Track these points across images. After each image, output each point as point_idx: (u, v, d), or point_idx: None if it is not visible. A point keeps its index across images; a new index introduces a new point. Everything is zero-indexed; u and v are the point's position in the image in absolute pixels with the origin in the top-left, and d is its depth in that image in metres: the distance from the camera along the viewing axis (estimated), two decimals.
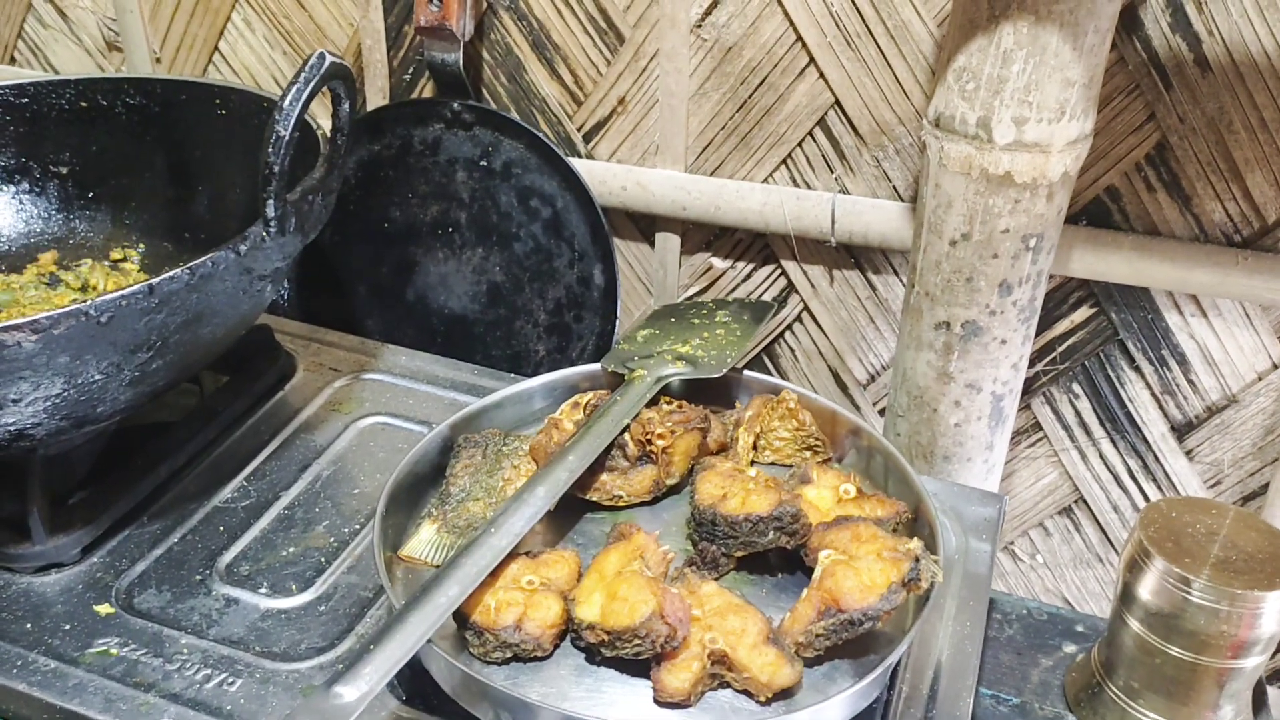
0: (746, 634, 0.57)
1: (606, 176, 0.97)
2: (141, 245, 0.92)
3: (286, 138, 0.67)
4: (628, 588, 0.57)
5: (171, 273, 0.63)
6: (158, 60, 1.11)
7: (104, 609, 0.67)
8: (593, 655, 0.59)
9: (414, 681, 0.62)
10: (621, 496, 0.68)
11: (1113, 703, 0.67)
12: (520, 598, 0.59)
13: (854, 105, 0.91)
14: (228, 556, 0.72)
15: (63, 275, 0.89)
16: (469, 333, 1.01)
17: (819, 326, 1.01)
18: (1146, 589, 0.62)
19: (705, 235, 1.01)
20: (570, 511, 0.68)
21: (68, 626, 0.66)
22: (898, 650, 0.57)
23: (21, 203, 0.91)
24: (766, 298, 1.01)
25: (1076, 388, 0.95)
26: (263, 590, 0.69)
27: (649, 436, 0.69)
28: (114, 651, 0.64)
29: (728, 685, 0.58)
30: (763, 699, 0.57)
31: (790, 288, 1.00)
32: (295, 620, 0.67)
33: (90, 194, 0.92)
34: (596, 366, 0.78)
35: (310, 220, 0.73)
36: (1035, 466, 0.99)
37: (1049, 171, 0.75)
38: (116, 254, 0.91)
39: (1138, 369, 0.93)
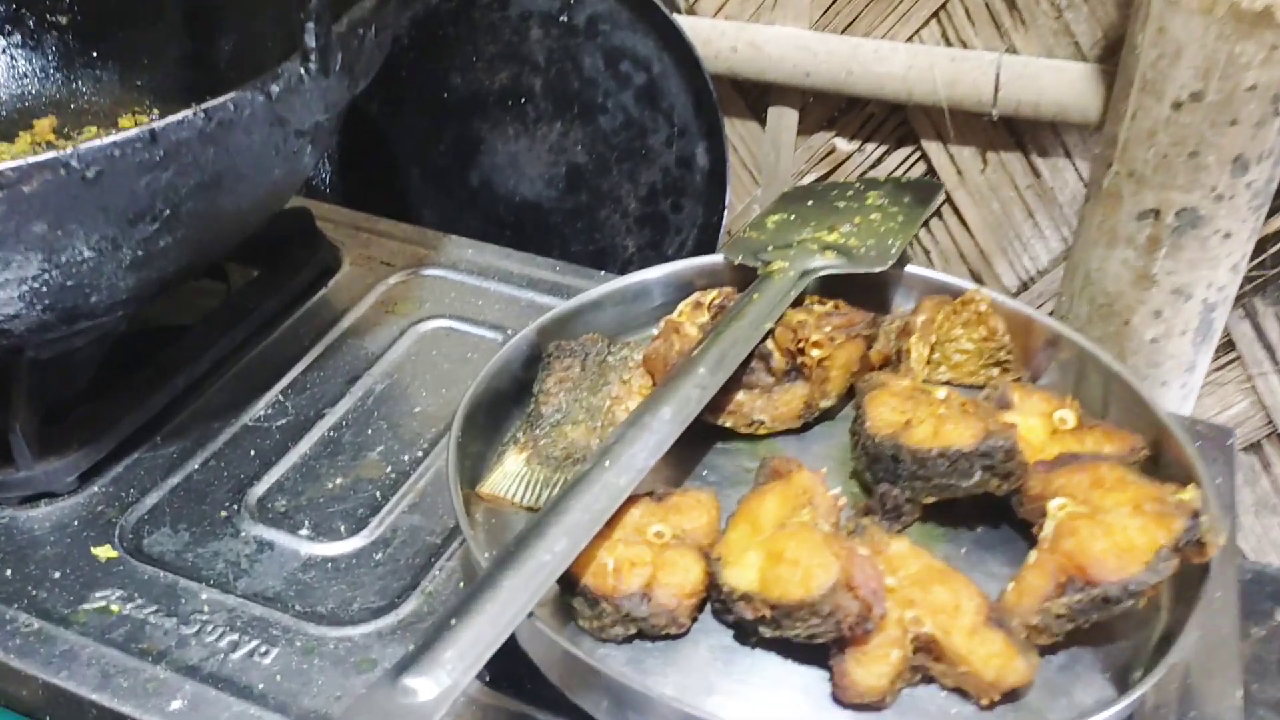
0: (962, 613, 0.41)
1: (713, 35, 0.80)
2: (155, 110, 0.76)
3: None
4: (797, 546, 0.42)
5: (180, 115, 0.47)
6: None
7: (105, 552, 0.53)
8: (746, 634, 0.44)
9: (501, 658, 0.47)
10: (763, 422, 0.53)
11: None
12: (647, 555, 0.44)
13: None
14: (260, 488, 0.57)
15: (61, 145, 0.73)
16: (544, 224, 0.85)
17: (962, 222, 0.84)
18: None
19: (828, 110, 0.83)
20: (695, 441, 0.52)
21: (58, 574, 0.52)
22: (1180, 644, 0.41)
23: (14, 59, 0.75)
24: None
25: None
26: (303, 532, 0.55)
27: (801, 344, 0.52)
28: (115, 608, 0.50)
29: (932, 680, 0.42)
30: (986, 701, 0.41)
31: (931, 174, 0.83)
32: (345, 571, 0.53)
33: (94, 50, 0.76)
34: (718, 258, 0.61)
35: (361, 61, 0.57)
36: (1222, 394, 0.82)
37: None
38: (125, 120, 0.75)
39: None
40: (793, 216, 0.64)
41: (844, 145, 0.84)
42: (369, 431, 0.61)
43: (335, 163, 0.88)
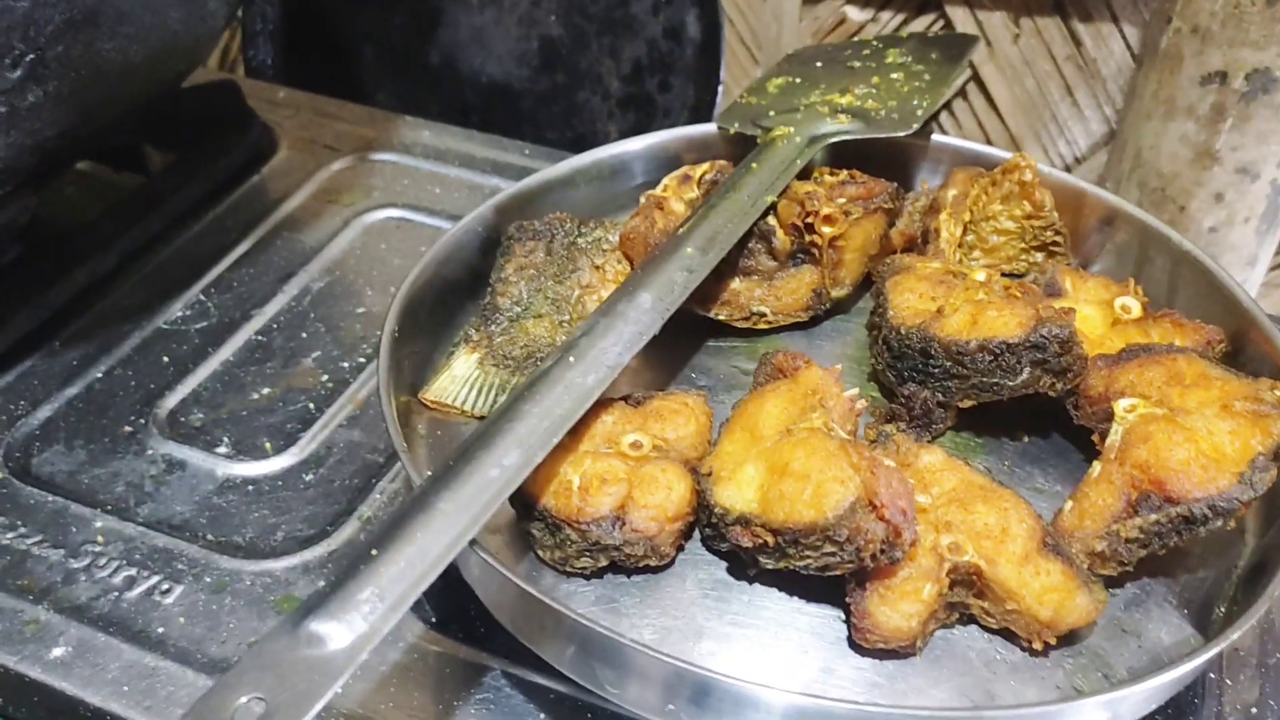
0: (1010, 538, 0.34)
1: None
2: None
3: None
4: (807, 456, 0.34)
5: None
6: None
7: None
8: (743, 566, 0.36)
9: (448, 596, 0.39)
10: (763, 314, 0.44)
11: None
12: (621, 470, 0.36)
13: None
14: (172, 400, 0.49)
15: None
16: (514, 108, 0.76)
17: (990, 101, 0.74)
18: None
19: None
20: (681, 338, 0.44)
21: None
22: (1277, 577, 0.34)
23: None
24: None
25: None
26: (221, 450, 0.47)
27: (809, 220, 0.44)
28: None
29: (972, 620, 0.35)
30: (1038, 645, 0.34)
31: None
32: (269, 495, 0.45)
33: None
34: (709, 128, 0.53)
35: None
36: (1277, 296, 0.74)
37: None
38: None
39: None
40: (799, 79, 0.55)
41: (856, 13, 0.74)
42: (303, 335, 0.53)
43: (276, 41, 0.78)
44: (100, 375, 0.50)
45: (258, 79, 0.76)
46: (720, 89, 0.70)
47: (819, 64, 0.56)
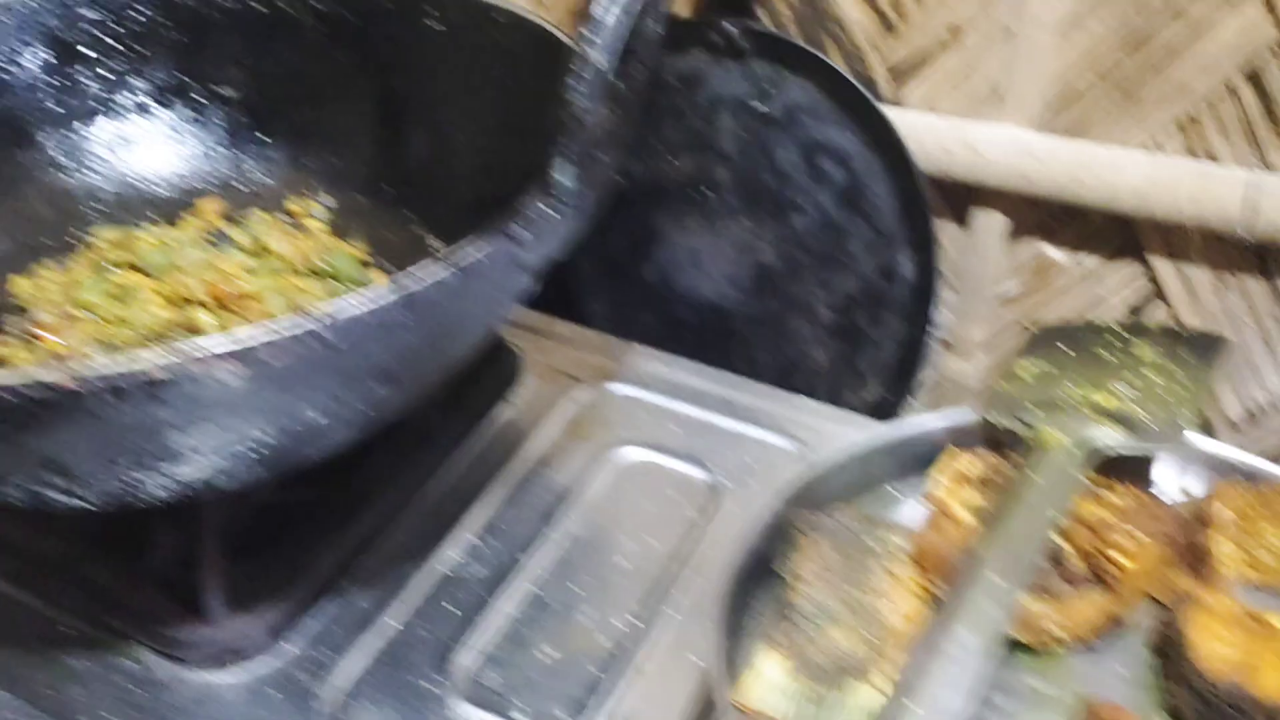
0: None
1: (925, 132, 0.74)
2: (326, 196, 0.71)
3: (605, 68, 0.45)
4: None
5: (435, 275, 0.42)
6: None
7: None
8: None
9: None
10: (1059, 637, 0.47)
11: None
12: None
13: None
14: (466, 657, 0.53)
15: (230, 231, 0.69)
16: (726, 328, 0.80)
17: None
18: None
19: (1039, 216, 0.77)
20: None
21: None
22: None
23: (179, 133, 0.71)
24: (1118, 302, 0.78)
25: None
26: (516, 715, 0.50)
27: (1102, 550, 0.47)
28: None
29: None
30: None
31: (1156, 293, 0.76)
32: None
33: (263, 126, 0.72)
34: (969, 414, 0.56)
35: (597, 188, 0.52)
36: None
37: None
38: (294, 205, 0.71)
39: None
40: (1053, 368, 0.58)
41: (1057, 256, 0.78)
42: (574, 587, 0.56)
43: None
44: (394, 624, 0.54)
45: None
46: (930, 327, 0.73)
47: (1069, 350, 0.60)
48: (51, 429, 0.38)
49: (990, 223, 0.78)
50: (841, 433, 0.66)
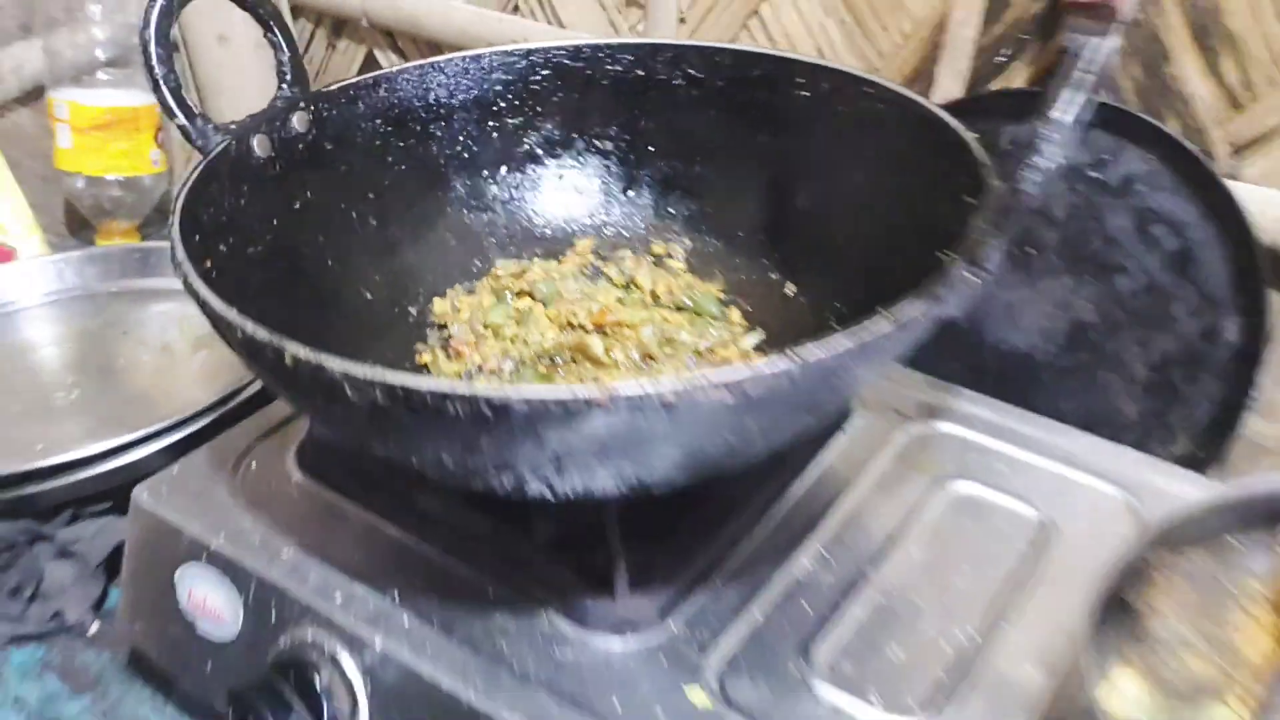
0: None
1: (1266, 205, 0.79)
2: (686, 240, 0.83)
3: (1055, 166, 0.54)
4: None
5: (885, 329, 0.51)
6: (682, 20, 1.03)
7: (698, 697, 0.59)
8: None
9: None
10: None
11: None
12: None
13: None
14: (823, 648, 0.62)
15: (603, 267, 0.82)
16: (1032, 376, 0.87)
17: None
18: None
19: None
20: None
21: (660, 710, 0.58)
22: None
23: (562, 179, 0.85)
24: None
25: None
26: (873, 700, 0.59)
27: None
28: None
29: None
30: None
31: None
32: None
33: (633, 175, 0.85)
34: None
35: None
36: None
37: None
38: (658, 248, 0.83)
39: None
40: None
41: None
42: (917, 600, 0.65)
43: None
44: (759, 615, 0.64)
45: None
46: (1254, 391, 0.78)
47: None
48: (577, 431, 0.48)
49: None
50: (1165, 483, 0.72)
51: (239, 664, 0.67)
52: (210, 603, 0.68)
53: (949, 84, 0.89)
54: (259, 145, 0.71)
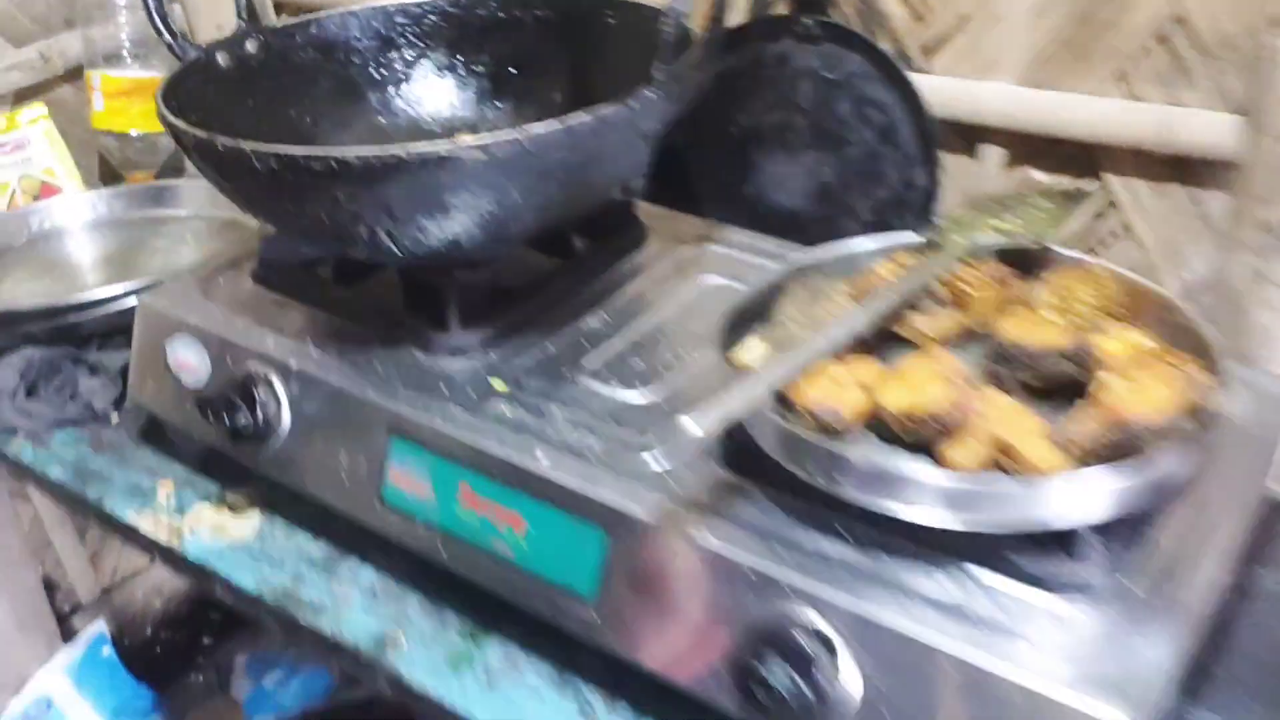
0: (1027, 428, 0.69)
1: (941, 89, 1.10)
2: None
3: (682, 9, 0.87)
4: (924, 382, 0.71)
5: (582, 118, 0.83)
6: None
7: (498, 384, 0.90)
8: (887, 437, 0.73)
9: (734, 453, 0.78)
10: (927, 335, 0.82)
11: None
12: (835, 389, 0.74)
13: (1199, 16, 0.97)
14: (589, 360, 0.92)
15: None
16: (798, 226, 1.17)
17: (1136, 239, 1.08)
18: None
19: (1027, 147, 1.11)
20: (882, 343, 0.82)
21: (472, 393, 0.89)
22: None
23: (447, 93, 1.18)
24: (1087, 208, 1.10)
25: None
26: (613, 383, 0.89)
27: (958, 285, 0.81)
28: (506, 411, 0.86)
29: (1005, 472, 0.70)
30: None
31: (1111, 202, 1.08)
32: (641, 409, 0.86)
33: (500, 90, 1.17)
34: (917, 236, 0.91)
35: (685, 91, 0.92)
36: None
37: None
38: None
39: None
40: (980, 212, 0.93)
41: (1041, 176, 1.11)
42: (664, 337, 0.95)
43: (650, 179, 1.24)
44: (552, 347, 0.94)
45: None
46: (935, 221, 1.08)
47: (996, 203, 0.94)
48: (389, 185, 0.80)
49: (991, 155, 1.12)
50: None
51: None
52: (188, 361, 1.00)
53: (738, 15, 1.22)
54: (222, 59, 1.05)
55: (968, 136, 1.13)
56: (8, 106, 1.59)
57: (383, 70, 1.16)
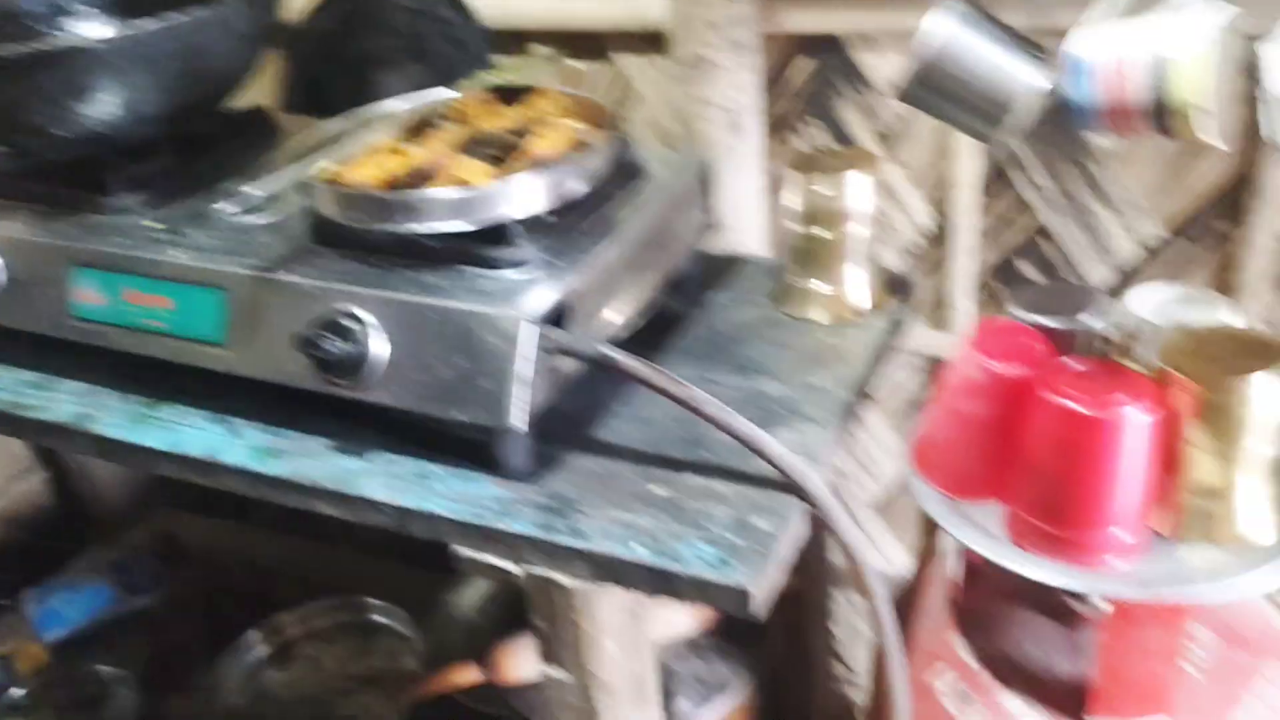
0: (479, 170, 1.08)
1: (492, 4, 1.50)
2: None
3: None
4: (418, 157, 1.09)
5: (180, 17, 1.18)
6: None
7: (151, 223, 1.23)
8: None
9: (313, 228, 1.14)
10: (439, 139, 1.20)
11: None
12: (362, 170, 1.11)
13: None
14: (227, 205, 1.27)
15: None
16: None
17: (637, 94, 1.50)
18: None
19: (564, 44, 1.52)
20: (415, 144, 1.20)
21: (133, 231, 1.22)
22: None
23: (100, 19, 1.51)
24: (604, 84, 1.52)
25: None
26: (240, 213, 1.24)
27: (459, 108, 1.20)
28: (157, 236, 1.20)
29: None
30: None
31: (631, 85, 1.50)
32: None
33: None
34: (440, 92, 1.30)
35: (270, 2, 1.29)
36: None
37: None
38: None
39: None
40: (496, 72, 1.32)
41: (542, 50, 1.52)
42: (284, 190, 1.30)
43: (295, 97, 1.60)
44: (199, 203, 1.29)
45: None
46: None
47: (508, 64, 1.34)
48: (43, 77, 1.13)
49: (540, 50, 1.53)
50: None
51: None
52: None
53: None
54: None
55: (519, 39, 1.54)
56: None
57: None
